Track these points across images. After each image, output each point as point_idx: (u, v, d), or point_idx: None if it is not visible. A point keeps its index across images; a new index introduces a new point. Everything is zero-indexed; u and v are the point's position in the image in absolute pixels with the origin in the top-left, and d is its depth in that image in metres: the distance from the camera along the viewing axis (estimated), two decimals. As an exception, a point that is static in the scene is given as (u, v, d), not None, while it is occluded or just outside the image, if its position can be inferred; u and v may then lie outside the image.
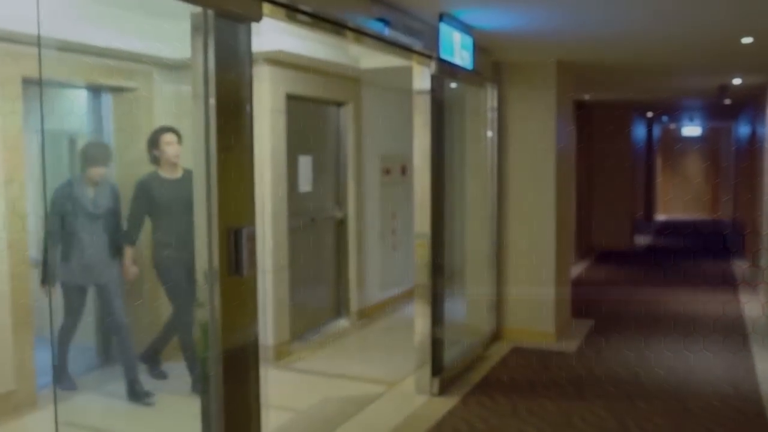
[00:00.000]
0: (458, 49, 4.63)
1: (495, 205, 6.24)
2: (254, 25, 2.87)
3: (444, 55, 4.40)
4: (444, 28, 4.44)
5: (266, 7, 2.99)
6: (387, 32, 3.86)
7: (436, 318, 4.90)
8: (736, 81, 7.86)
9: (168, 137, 4.64)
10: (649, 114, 14.45)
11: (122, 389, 4.64)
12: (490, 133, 6.12)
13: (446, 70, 4.72)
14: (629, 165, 12.52)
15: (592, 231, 12.27)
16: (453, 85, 6.19)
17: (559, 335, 6.24)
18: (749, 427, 4.29)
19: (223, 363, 2.71)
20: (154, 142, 4.67)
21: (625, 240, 12.43)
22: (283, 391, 4.80)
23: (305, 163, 6.35)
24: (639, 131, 14.37)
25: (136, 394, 4.58)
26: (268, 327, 5.61)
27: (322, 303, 6.72)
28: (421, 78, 4.65)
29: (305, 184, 6.36)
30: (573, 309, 6.97)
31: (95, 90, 5.51)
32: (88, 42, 4.72)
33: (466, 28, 4.77)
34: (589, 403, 4.65)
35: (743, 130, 13.45)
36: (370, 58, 6.32)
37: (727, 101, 10.20)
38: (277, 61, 5.64)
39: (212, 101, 2.63)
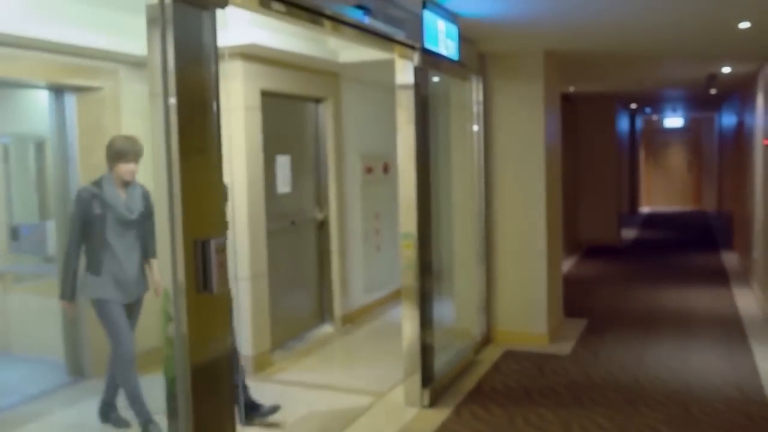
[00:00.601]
0: (443, 39, 4.35)
1: (483, 202, 6.00)
2: (222, 15, 2.57)
3: (428, 45, 4.11)
4: (428, 16, 4.16)
5: (235, -7, 2.69)
6: (367, 20, 3.58)
7: (425, 322, 4.63)
8: (726, 70, 7.67)
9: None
10: (633, 106, 14.29)
11: (93, 407, 4.34)
12: (476, 128, 5.87)
13: (430, 61, 4.45)
14: (614, 158, 12.34)
15: (578, 226, 12.08)
16: (435, 78, 5.96)
17: (553, 337, 6.00)
18: (757, 432, 4.08)
19: (192, 383, 2.42)
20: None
21: (612, 234, 12.26)
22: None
23: (283, 163, 6.06)
24: (622, 123, 14.22)
25: (108, 418, 4.27)
26: (247, 337, 5.32)
27: (304, 309, 6.44)
28: (404, 71, 4.37)
29: (284, 185, 6.07)
30: (565, 308, 6.75)
31: (57, 90, 5.18)
32: (47, 38, 4.40)
33: (450, 16, 4.50)
34: (588, 410, 4.40)
35: (727, 120, 13.33)
36: (349, 52, 6.04)
37: (713, 91, 10.03)
38: (251, 55, 5.34)
39: (172, 100, 2.34)
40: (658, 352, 5.63)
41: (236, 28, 4.95)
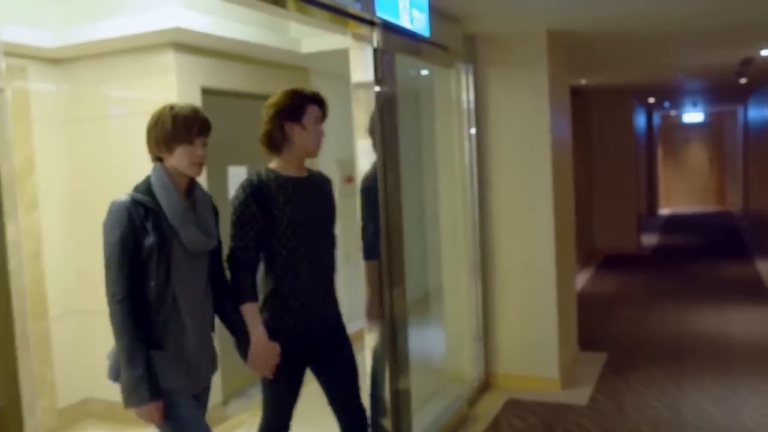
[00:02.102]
0: (405, 7, 3.28)
1: (476, 214, 4.96)
2: None
3: (381, 14, 3.05)
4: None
5: None
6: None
7: (397, 368, 3.59)
8: (765, 53, 6.56)
9: (316, 110, 2.71)
10: (651, 100, 13.18)
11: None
12: (465, 127, 4.83)
13: (396, 42, 3.42)
14: (631, 157, 11.25)
15: (593, 233, 10.99)
16: (425, 71, 4.94)
17: (566, 380, 4.93)
18: None
19: None
20: (294, 112, 2.66)
21: (631, 241, 11.15)
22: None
23: (237, 175, 5.05)
24: (639, 119, 13.13)
25: None
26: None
27: (270, 346, 5.41)
28: (361, 57, 3.34)
29: (239, 202, 5.06)
30: (580, 338, 5.67)
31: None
32: None
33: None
34: (613, 495, 3.35)
35: (755, 112, 12.19)
36: (313, 40, 5.03)
37: (743, 80, 8.92)
38: (186, 45, 4.35)
39: None
40: (699, 401, 4.53)
41: (158, 8, 3.96)
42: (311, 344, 2.74)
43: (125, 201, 2.32)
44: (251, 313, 2.59)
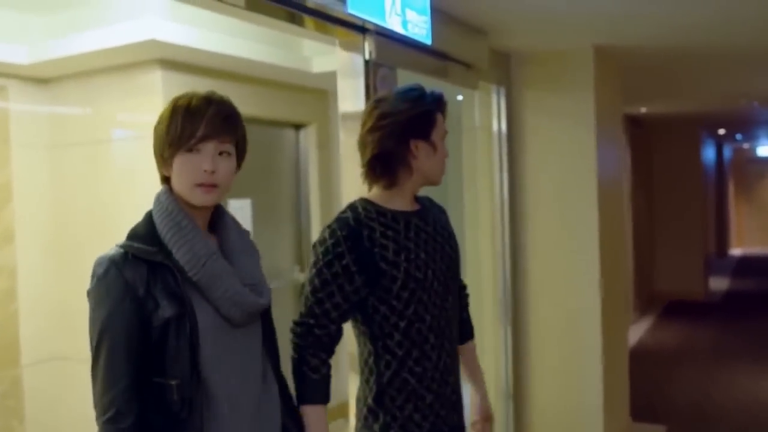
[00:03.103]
0: (392, 7, 2.63)
1: (508, 257, 4.29)
2: None
3: (354, 10, 2.40)
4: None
5: None
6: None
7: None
8: None
9: (443, 123, 1.95)
10: (721, 131, 12.19)
11: None
12: (496, 159, 4.18)
13: (396, 53, 2.80)
14: (699, 193, 10.32)
15: (655, 275, 10.05)
16: (459, 97, 4.33)
17: (612, 460, 4.16)
18: None
19: None
20: (423, 126, 1.87)
21: (698, 285, 10.14)
22: None
23: (240, 209, 4.53)
24: (708, 153, 12.16)
25: None
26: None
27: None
28: (349, 71, 2.75)
29: (241, 239, 4.54)
30: (633, 405, 4.87)
31: None
32: None
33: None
34: None
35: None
36: (327, 58, 4.47)
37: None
38: (174, 63, 3.86)
39: None
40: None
41: (139, 21, 3.48)
42: None
43: (115, 257, 1.50)
44: (316, 419, 1.83)
